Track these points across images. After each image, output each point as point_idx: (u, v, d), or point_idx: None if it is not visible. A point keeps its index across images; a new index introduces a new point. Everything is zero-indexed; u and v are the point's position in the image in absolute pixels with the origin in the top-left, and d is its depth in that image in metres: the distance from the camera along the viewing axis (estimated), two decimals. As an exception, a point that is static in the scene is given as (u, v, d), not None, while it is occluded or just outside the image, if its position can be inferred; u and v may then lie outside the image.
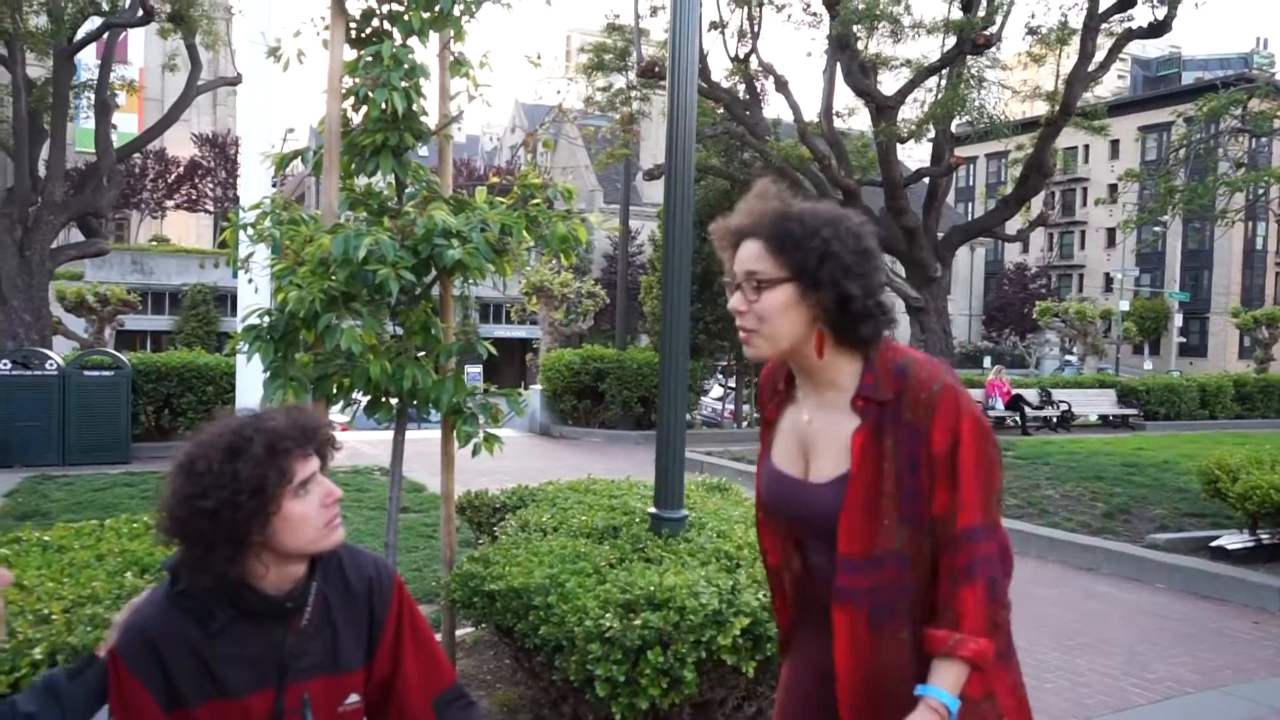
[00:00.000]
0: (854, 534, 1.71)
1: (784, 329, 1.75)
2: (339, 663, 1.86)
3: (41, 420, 11.43)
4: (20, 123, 14.32)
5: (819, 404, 1.83)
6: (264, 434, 1.71)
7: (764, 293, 1.74)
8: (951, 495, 1.68)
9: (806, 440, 1.84)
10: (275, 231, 3.64)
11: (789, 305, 1.73)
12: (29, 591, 3.01)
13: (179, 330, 36.67)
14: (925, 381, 1.72)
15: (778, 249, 1.72)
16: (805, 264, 1.71)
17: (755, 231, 1.76)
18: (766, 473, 1.93)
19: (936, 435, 1.69)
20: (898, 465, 1.70)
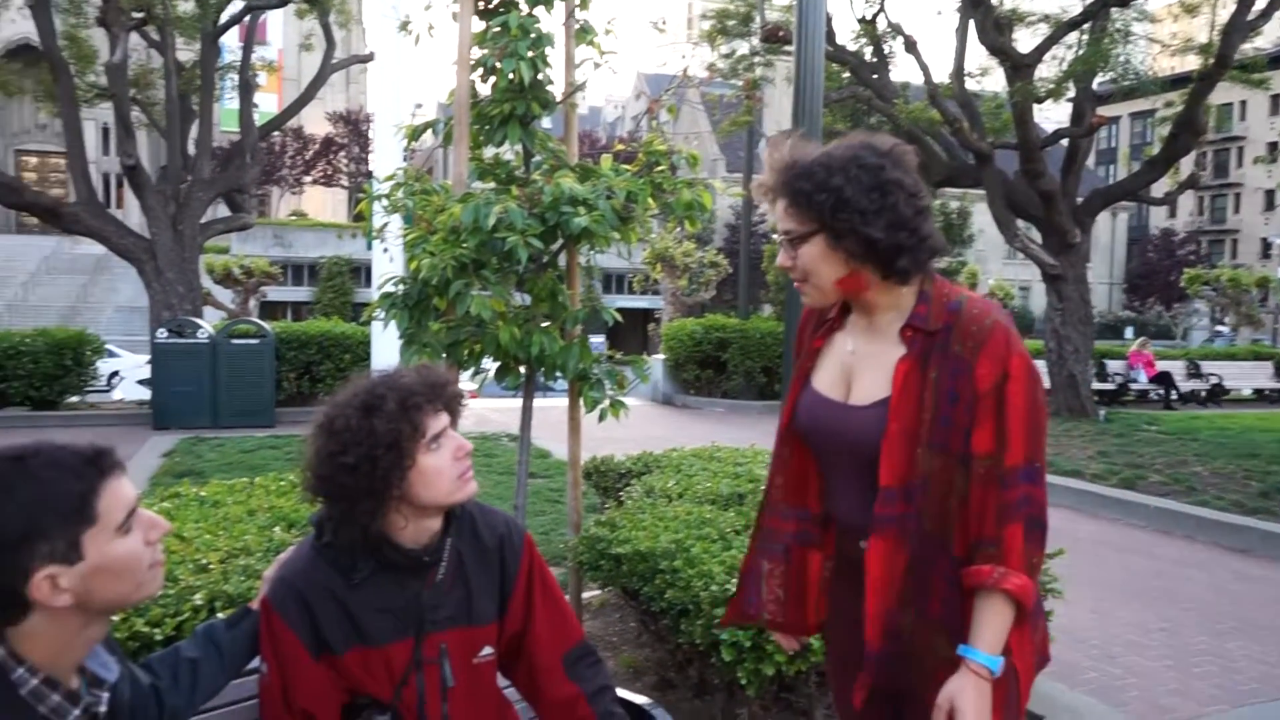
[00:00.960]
0: (894, 463, 1.71)
1: (827, 277, 1.77)
2: (473, 616, 1.93)
3: (194, 385, 12.12)
4: (172, 104, 15.12)
5: (868, 332, 1.83)
6: (396, 391, 1.78)
7: (799, 247, 1.77)
8: (998, 433, 1.67)
9: (850, 367, 1.85)
10: (408, 201, 3.74)
11: (823, 256, 1.75)
12: (188, 542, 3.20)
13: (316, 301, 38.25)
14: (977, 316, 1.71)
15: (798, 206, 1.74)
16: (823, 217, 1.72)
17: (778, 190, 1.77)
18: (805, 399, 1.91)
19: (981, 369, 1.68)
20: (938, 395, 1.69)
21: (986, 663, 1.66)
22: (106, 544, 1.33)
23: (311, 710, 1.82)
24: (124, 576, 1.36)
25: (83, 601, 1.33)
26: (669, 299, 23.41)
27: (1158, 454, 10.61)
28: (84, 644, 1.39)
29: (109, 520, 1.34)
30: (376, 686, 1.85)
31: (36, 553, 1.28)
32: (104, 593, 1.34)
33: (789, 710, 3.53)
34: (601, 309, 3.87)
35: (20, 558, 1.28)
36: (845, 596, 1.90)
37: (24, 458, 1.33)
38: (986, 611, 1.67)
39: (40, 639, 1.34)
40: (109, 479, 1.36)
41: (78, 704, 1.39)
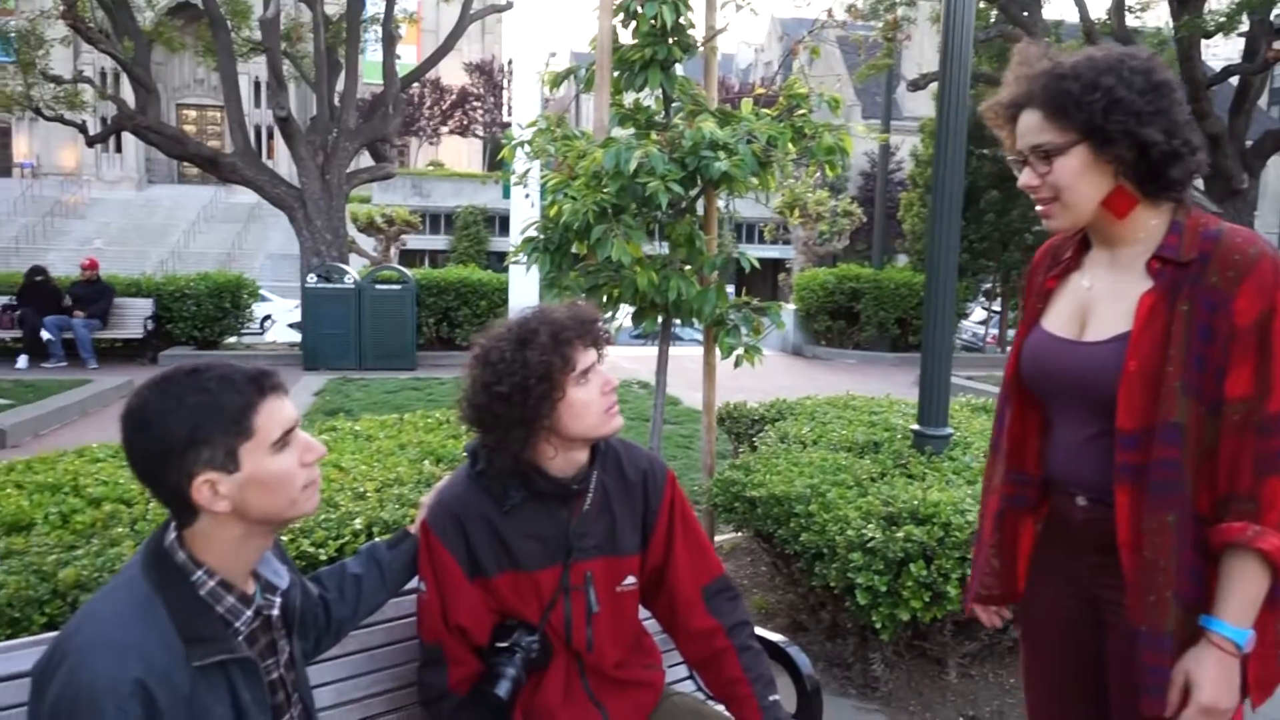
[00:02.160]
0: (1133, 405, 1.55)
1: (1084, 193, 1.61)
2: (617, 546, 2.00)
3: (341, 328, 12.66)
4: (320, 57, 15.66)
5: (1110, 266, 1.68)
6: (548, 325, 1.85)
7: (1055, 161, 1.61)
8: (1259, 375, 1.49)
9: (1086, 304, 1.71)
10: (551, 147, 3.81)
11: (1085, 168, 1.59)
12: (346, 472, 3.40)
13: (453, 249, 39.19)
14: (1240, 245, 1.53)
15: (1058, 113, 1.59)
16: (1091, 121, 1.56)
17: (1031, 100, 1.63)
18: (1032, 340, 1.77)
19: (1241, 303, 1.50)
20: (1189, 331, 1.52)
21: (1233, 636, 1.48)
22: (262, 458, 1.44)
23: (466, 627, 1.92)
24: (277, 491, 1.46)
25: (240, 510, 1.44)
26: (800, 248, 23.06)
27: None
28: (251, 552, 1.51)
29: (265, 436, 1.44)
30: (526, 609, 1.94)
31: (199, 458, 1.40)
32: (258, 504, 1.45)
33: (922, 658, 3.53)
34: (741, 255, 3.88)
35: (185, 460, 1.40)
36: (1055, 556, 1.80)
37: (198, 371, 1.45)
38: (1235, 577, 1.49)
39: (211, 543, 1.46)
40: (269, 398, 1.47)
41: (251, 606, 1.51)
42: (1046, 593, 1.84)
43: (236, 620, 1.48)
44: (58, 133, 37.39)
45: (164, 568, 1.44)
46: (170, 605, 1.41)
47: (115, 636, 1.34)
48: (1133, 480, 1.56)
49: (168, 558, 1.45)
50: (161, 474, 1.41)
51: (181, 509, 1.45)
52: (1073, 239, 1.78)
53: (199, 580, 1.45)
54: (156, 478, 1.42)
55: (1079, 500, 1.69)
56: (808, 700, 2.30)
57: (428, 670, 1.95)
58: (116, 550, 2.55)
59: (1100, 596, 1.70)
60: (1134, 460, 1.56)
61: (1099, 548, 1.66)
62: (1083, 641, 1.77)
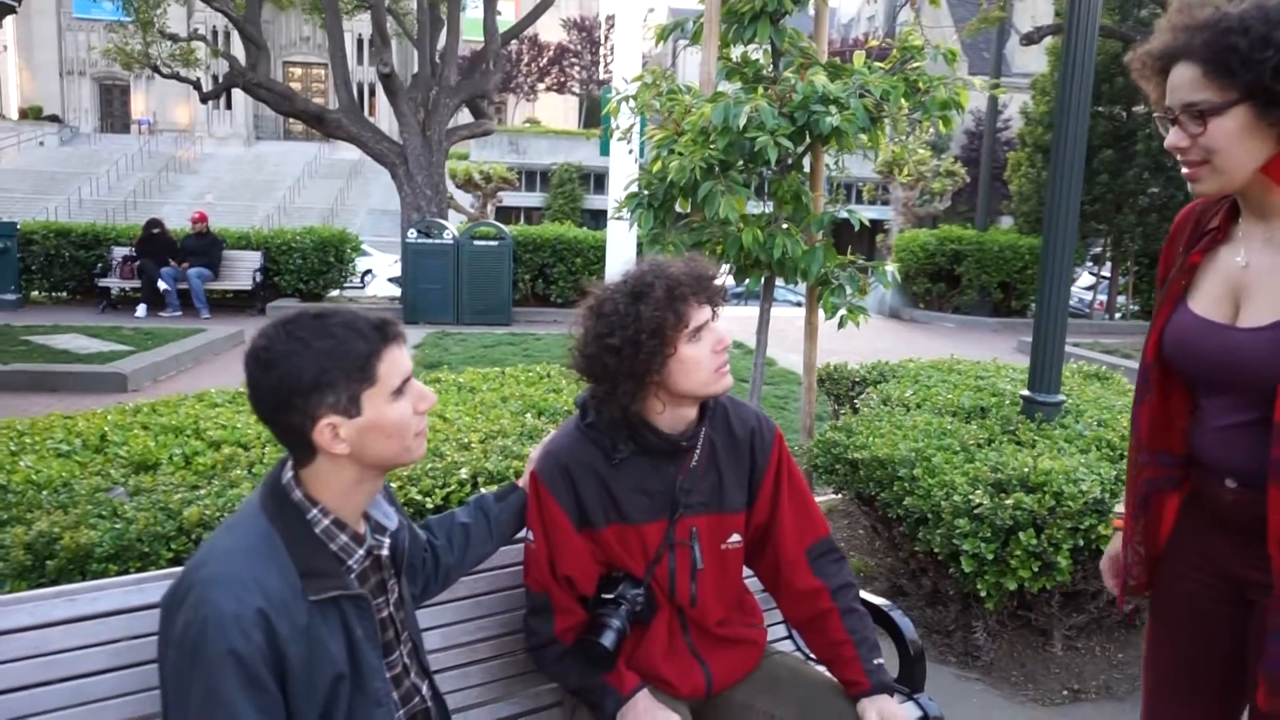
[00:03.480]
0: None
1: (1239, 159, 1.48)
2: (723, 503, 1.99)
3: (440, 283, 12.89)
4: (423, 13, 15.82)
5: (1267, 241, 1.55)
6: (664, 280, 1.82)
7: (1211, 121, 1.46)
8: None
9: (1240, 284, 1.57)
10: (656, 102, 3.77)
11: (1244, 131, 1.45)
12: (451, 423, 3.47)
13: (548, 206, 39.46)
14: None
15: (1221, 69, 1.44)
16: (1259, 80, 1.42)
17: (1188, 53, 1.48)
18: (1178, 322, 1.64)
19: None
20: None
21: None
22: (382, 405, 1.47)
23: (573, 577, 1.94)
24: (393, 437, 1.49)
25: (357, 453, 1.47)
26: (899, 209, 22.54)
27: None
28: (364, 494, 1.54)
29: (387, 384, 1.47)
30: (632, 562, 1.95)
31: (324, 401, 1.43)
32: (375, 449, 1.48)
33: (1027, 628, 3.45)
34: (851, 213, 3.79)
35: (310, 403, 1.43)
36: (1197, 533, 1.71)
37: (324, 316, 1.48)
38: None
39: (326, 483, 1.50)
40: (391, 346, 1.49)
41: (362, 545, 1.55)
42: (1183, 568, 1.75)
43: (349, 558, 1.53)
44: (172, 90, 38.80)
45: (282, 505, 1.49)
46: (288, 541, 1.46)
47: (238, 570, 1.39)
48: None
49: (285, 495, 1.50)
50: (285, 415, 1.45)
51: (301, 449, 1.49)
52: (1219, 207, 1.64)
53: (314, 518, 1.49)
54: (280, 418, 1.46)
55: (1229, 483, 1.59)
56: (910, 665, 2.26)
57: (534, 618, 1.98)
58: (236, 491, 2.64)
59: (1245, 576, 1.62)
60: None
61: (1247, 528, 1.57)
62: (1217, 617, 1.69)
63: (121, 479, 2.80)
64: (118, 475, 2.85)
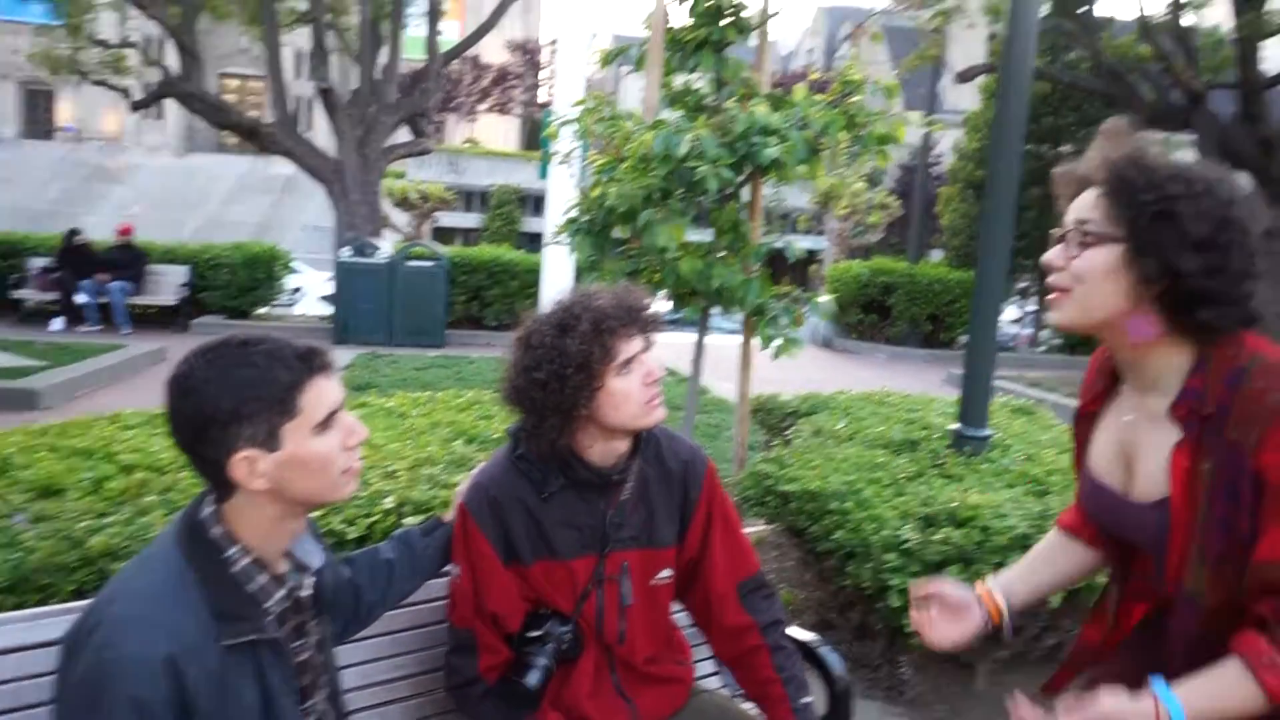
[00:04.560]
0: (1173, 570, 1.43)
1: (1099, 297, 1.42)
2: (654, 538, 1.95)
3: (372, 303, 12.68)
4: (364, 29, 15.66)
5: (1141, 403, 1.51)
6: (591, 313, 1.79)
7: (1088, 249, 1.42)
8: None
9: (1128, 444, 1.54)
10: (597, 127, 3.75)
11: (1111, 270, 1.40)
12: (378, 449, 3.38)
13: (485, 228, 39.23)
14: (1261, 392, 1.34)
15: (1111, 199, 1.41)
16: (1137, 221, 1.37)
17: (1096, 179, 1.45)
18: (1085, 480, 1.63)
19: (1267, 457, 1.31)
20: (1211, 492, 1.37)
21: (1169, 705, 1.33)
22: (305, 439, 1.40)
23: (498, 614, 1.88)
24: (316, 474, 1.42)
25: (277, 489, 1.40)
26: (833, 239, 22.91)
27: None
28: (286, 533, 1.48)
29: (310, 416, 1.40)
30: (560, 598, 1.90)
31: (240, 434, 1.36)
32: (297, 485, 1.41)
33: (952, 663, 3.46)
34: (789, 245, 3.81)
35: (226, 435, 1.36)
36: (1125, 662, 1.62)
37: (248, 343, 1.41)
38: (1221, 679, 1.34)
39: (246, 520, 1.43)
40: (317, 377, 1.42)
41: (283, 586, 1.48)
42: None
43: (268, 600, 1.45)
44: (102, 97, 37.72)
45: (198, 541, 1.42)
46: (202, 580, 1.38)
47: (147, 611, 1.32)
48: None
49: (202, 531, 1.42)
50: (201, 445, 1.38)
51: (219, 483, 1.42)
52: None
53: (232, 557, 1.42)
54: (196, 449, 1.39)
55: None
56: (839, 702, 2.25)
57: (457, 656, 1.92)
58: (147, 519, 2.53)
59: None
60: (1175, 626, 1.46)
61: None
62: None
63: (23, 505, 2.66)
64: (19, 501, 2.71)
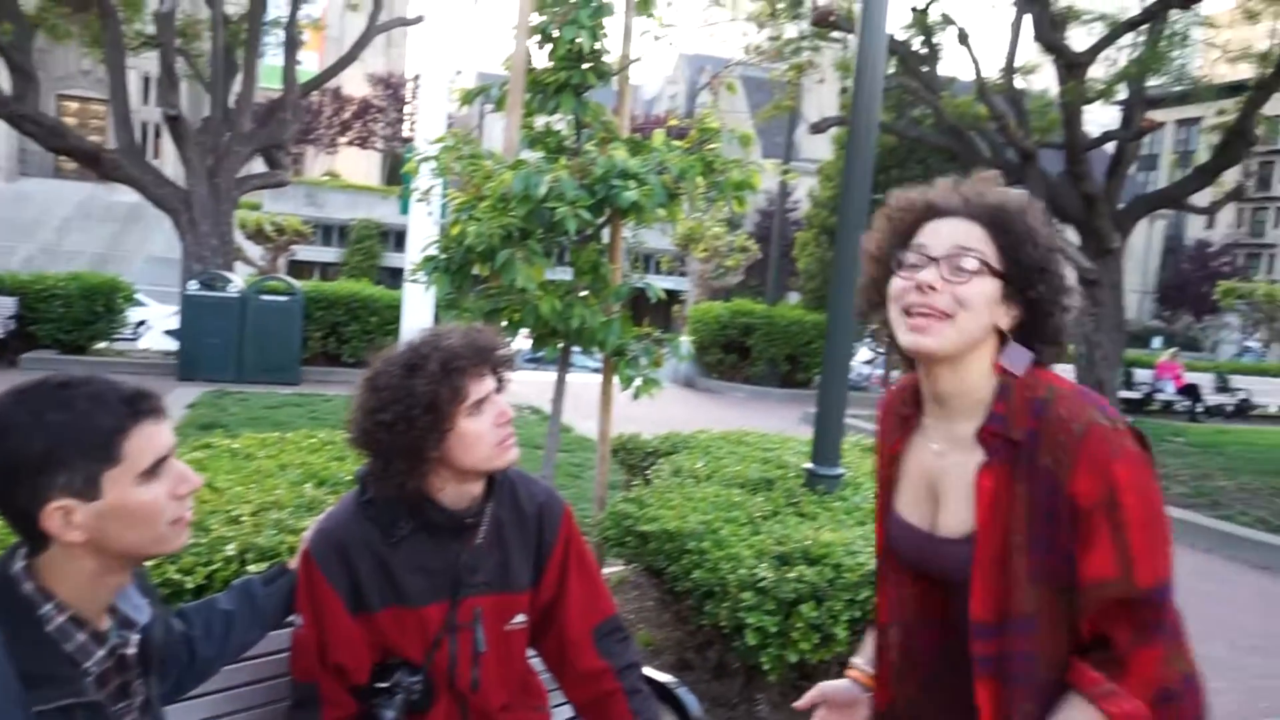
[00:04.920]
0: (986, 595, 1.46)
1: (976, 326, 1.47)
2: (509, 583, 1.92)
3: (221, 339, 12.18)
4: (217, 57, 15.11)
5: (950, 434, 1.55)
6: (440, 352, 1.77)
7: (976, 277, 1.46)
8: (1120, 552, 1.38)
9: (935, 478, 1.57)
10: (457, 165, 3.72)
11: (992, 301, 1.47)
12: (221, 494, 3.22)
13: (345, 262, 38.32)
14: (1066, 421, 1.41)
15: (1001, 241, 1.47)
16: (1020, 269, 1.46)
17: (971, 214, 1.49)
18: (891, 521, 1.64)
19: (1081, 484, 1.39)
20: (1030, 514, 1.42)
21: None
22: (127, 488, 1.31)
23: (344, 666, 1.81)
24: (141, 525, 1.33)
25: (97, 542, 1.30)
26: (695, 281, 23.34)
27: (1182, 465, 10.51)
28: (108, 588, 1.38)
29: (135, 464, 1.31)
30: (410, 647, 1.84)
31: (55, 482, 1.26)
32: (119, 538, 1.32)
33: (807, 699, 3.52)
34: (648, 286, 3.85)
35: (39, 483, 1.26)
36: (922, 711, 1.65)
37: (69, 385, 1.31)
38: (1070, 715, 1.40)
39: (62, 575, 1.32)
40: (144, 422, 1.33)
41: (104, 644, 1.37)
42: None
43: (86, 660, 1.34)
44: (-78, 115, 35.24)
45: (8, 599, 1.30)
46: (10, 641, 1.26)
47: None
48: (992, 672, 1.47)
49: (13, 587, 1.31)
50: (11, 495, 1.27)
51: (31, 535, 1.31)
52: (909, 391, 1.65)
53: (46, 615, 1.31)
54: (6, 498, 1.28)
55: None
56: (696, 744, 2.24)
57: (299, 711, 1.83)
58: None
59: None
60: (987, 651, 1.47)
61: None
62: None
63: None
64: None
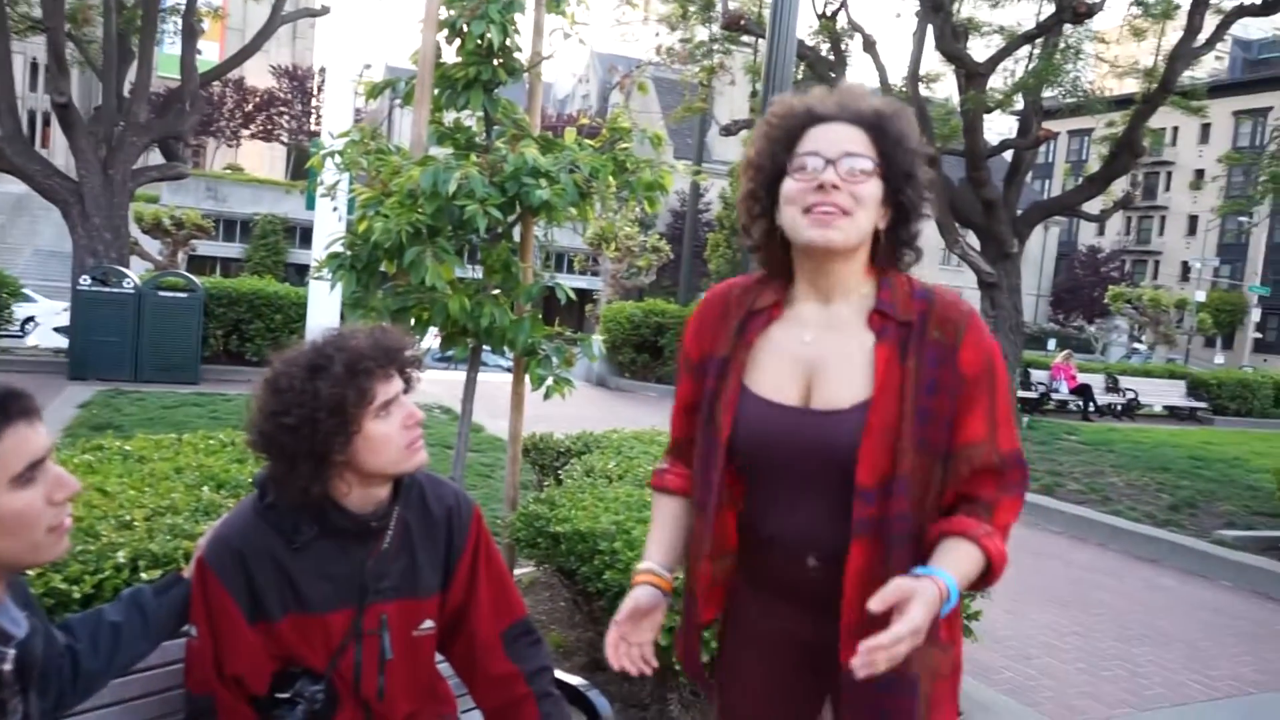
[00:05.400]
0: (873, 462, 1.53)
1: (869, 222, 1.59)
2: (416, 588, 1.88)
3: (116, 336, 11.70)
4: (110, 43, 14.51)
5: (826, 324, 1.63)
6: (345, 353, 1.72)
7: (868, 179, 1.57)
8: (990, 418, 1.57)
9: (810, 363, 1.61)
10: (363, 160, 3.64)
11: (876, 199, 1.59)
12: (112, 498, 3.07)
13: (248, 258, 37.30)
14: (953, 303, 1.62)
15: (880, 146, 1.59)
16: (895, 172, 1.59)
17: (853, 119, 1.60)
18: (746, 407, 1.63)
19: (967, 355, 1.57)
20: (917, 387, 1.55)
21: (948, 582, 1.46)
22: None
23: (242, 676, 1.75)
24: (14, 533, 1.27)
25: None
26: (608, 281, 23.36)
27: (1076, 463, 10.92)
28: None
29: (5, 469, 1.25)
30: (312, 655, 1.79)
31: None
32: None
33: (718, 697, 3.53)
34: (558, 286, 3.82)
35: None
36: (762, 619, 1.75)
37: None
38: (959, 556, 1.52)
39: None
40: (15, 424, 1.26)
41: None
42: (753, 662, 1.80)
43: None
44: None
45: None
46: None
47: None
48: (871, 534, 1.54)
49: None
50: None
51: None
52: (765, 288, 1.71)
53: None
54: None
55: (810, 561, 1.62)
56: (607, 746, 2.23)
57: (195, 725, 1.76)
58: None
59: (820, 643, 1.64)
60: (872, 514, 1.54)
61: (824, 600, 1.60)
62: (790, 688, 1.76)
63: None
64: None
